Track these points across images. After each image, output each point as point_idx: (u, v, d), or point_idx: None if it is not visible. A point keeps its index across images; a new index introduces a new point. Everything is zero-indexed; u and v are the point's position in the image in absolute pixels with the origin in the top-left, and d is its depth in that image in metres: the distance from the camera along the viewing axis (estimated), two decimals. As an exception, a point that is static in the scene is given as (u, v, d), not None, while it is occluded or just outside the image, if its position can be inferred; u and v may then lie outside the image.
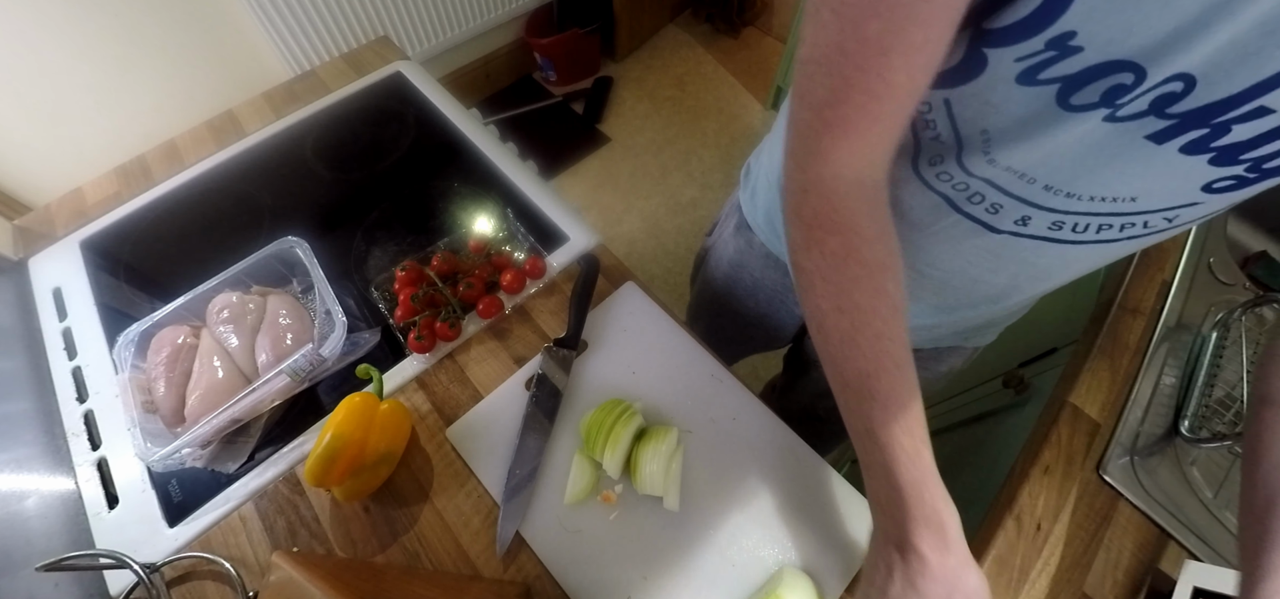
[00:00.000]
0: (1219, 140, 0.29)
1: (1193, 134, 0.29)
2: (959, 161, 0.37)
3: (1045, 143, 0.32)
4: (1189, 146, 0.30)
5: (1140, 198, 0.34)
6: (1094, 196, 0.34)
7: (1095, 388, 0.60)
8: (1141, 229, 0.36)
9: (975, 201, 0.39)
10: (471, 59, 2.01)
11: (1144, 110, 0.29)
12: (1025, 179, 0.35)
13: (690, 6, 2.42)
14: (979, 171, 0.36)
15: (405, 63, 0.92)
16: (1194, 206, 0.34)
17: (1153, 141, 0.30)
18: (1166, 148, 0.30)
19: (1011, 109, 0.32)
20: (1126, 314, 0.65)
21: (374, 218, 0.75)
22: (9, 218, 0.78)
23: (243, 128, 0.86)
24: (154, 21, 1.27)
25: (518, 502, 0.51)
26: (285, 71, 1.49)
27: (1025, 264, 0.42)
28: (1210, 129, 0.28)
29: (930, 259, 0.45)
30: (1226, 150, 0.29)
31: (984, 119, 0.34)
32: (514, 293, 0.64)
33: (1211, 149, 0.29)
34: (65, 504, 0.55)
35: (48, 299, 0.69)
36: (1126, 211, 0.35)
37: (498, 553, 0.50)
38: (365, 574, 0.45)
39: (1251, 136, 0.28)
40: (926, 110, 0.36)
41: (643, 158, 2.00)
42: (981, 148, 0.35)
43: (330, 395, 0.61)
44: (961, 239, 0.42)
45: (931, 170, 0.39)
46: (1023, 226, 0.38)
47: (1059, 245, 0.39)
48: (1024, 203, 0.37)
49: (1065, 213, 0.36)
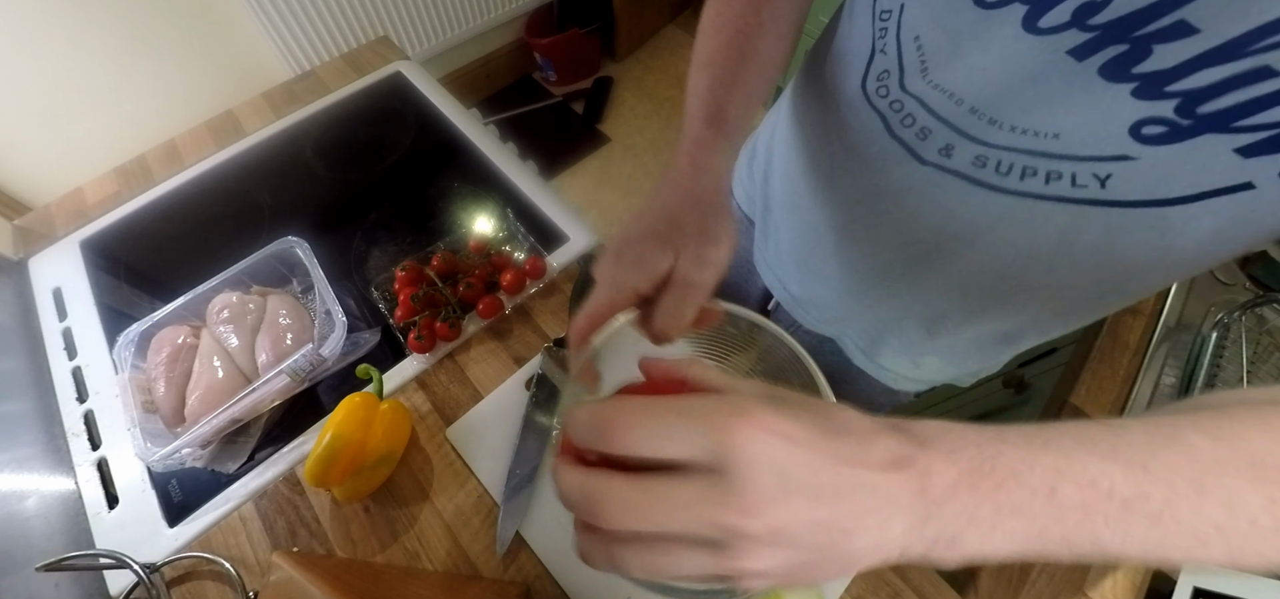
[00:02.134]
0: (1140, 64, 0.28)
1: (1113, 50, 0.28)
2: (899, 79, 0.38)
3: (969, 51, 0.33)
4: (1109, 68, 0.29)
5: (1063, 135, 0.32)
6: (1016, 127, 0.33)
7: (1095, 388, 0.60)
8: (1069, 185, 0.34)
9: (907, 124, 0.39)
10: (471, 59, 2.01)
11: (1066, 22, 0.29)
12: (953, 99, 0.35)
13: (690, 6, 2.42)
14: (914, 88, 0.37)
15: (405, 63, 0.92)
16: (1126, 163, 0.31)
17: (1073, 57, 0.29)
18: (1086, 66, 0.29)
19: (941, 8, 0.33)
20: (1126, 314, 0.65)
21: (374, 218, 0.75)
22: (9, 218, 0.78)
23: (243, 128, 0.86)
24: (154, 22, 1.27)
25: (518, 502, 0.51)
26: (285, 71, 1.49)
27: (949, 215, 0.40)
28: (1130, 45, 0.27)
29: (862, 193, 0.45)
30: (1150, 79, 0.28)
31: (920, 25, 0.35)
32: (514, 293, 0.64)
33: (1134, 76, 0.28)
34: (65, 504, 0.55)
35: (48, 299, 0.69)
36: (1050, 151, 0.33)
37: (498, 553, 0.50)
38: (365, 574, 0.45)
39: (1175, 62, 0.27)
40: (886, 17, 0.37)
41: (643, 158, 2.00)
42: (918, 61, 0.36)
43: (330, 395, 0.61)
44: (891, 167, 0.41)
45: (875, 86, 0.40)
46: (946, 158, 0.38)
47: (982, 191, 0.37)
48: (950, 127, 0.36)
49: (988, 145, 0.35)
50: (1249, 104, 0.26)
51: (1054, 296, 0.44)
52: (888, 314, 0.54)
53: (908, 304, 0.51)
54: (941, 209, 0.40)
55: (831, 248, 0.52)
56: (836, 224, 0.50)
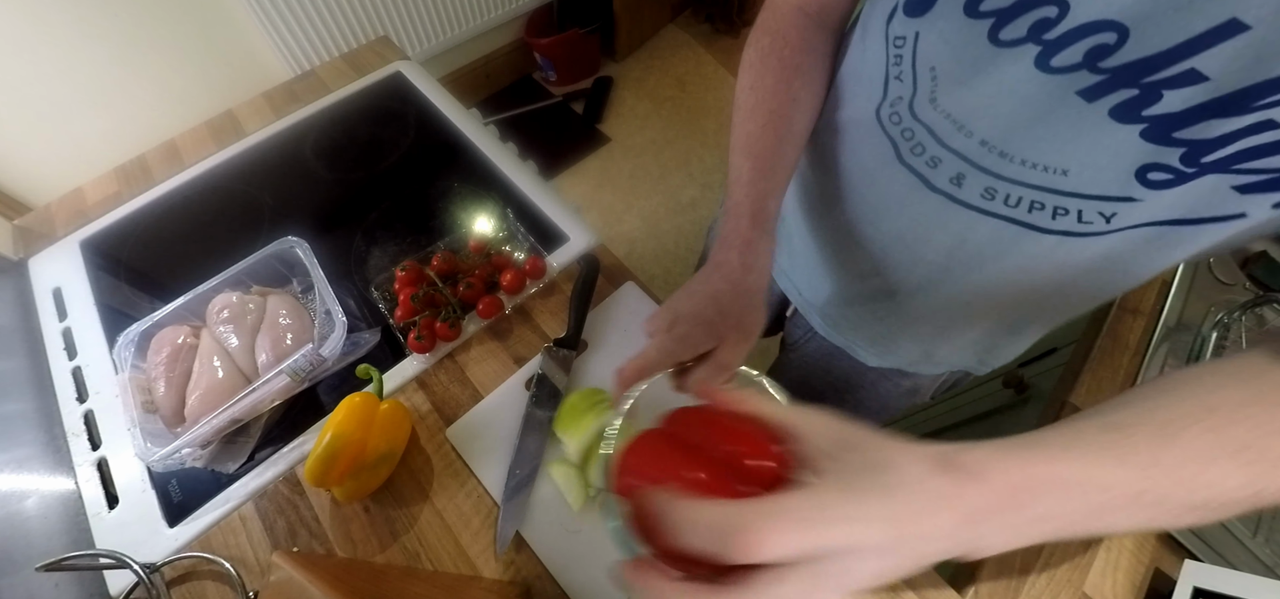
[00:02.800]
0: (1150, 108, 0.28)
1: (1123, 94, 0.29)
2: (910, 105, 0.38)
3: (981, 85, 0.34)
4: (1119, 110, 0.29)
5: (1072, 173, 0.33)
6: (1026, 162, 0.34)
7: (1095, 388, 0.60)
8: (1076, 221, 0.35)
9: (917, 152, 0.40)
10: (471, 59, 2.01)
11: (1078, 62, 0.29)
12: (964, 131, 0.36)
13: (690, 6, 2.42)
14: (924, 116, 0.38)
15: (405, 63, 0.92)
16: (1131, 204, 0.32)
17: (1083, 98, 0.30)
18: (1096, 107, 0.30)
19: (955, 41, 0.34)
20: (1126, 314, 0.65)
21: (374, 218, 0.75)
22: (9, 218, 0.78)
23: (243, 128, 0.86)
24: (154, 21, 1.27)
25: (518, 502, 0.51)
26: (285, 71, 1.49)
27: (959, 240, 0.42)
28: (1140, 90, 0.28)
29: (874, 213, 0.47)
30: (1158, 123, 0.29)
31: (935, 55, 0.36)
32: (514, 293, 0.64)
33: (1143, 118, 0.29)
34: (65, 504, 0.55)
35: (48, 299, 0.69)
36: (1058, 188, 0.34)
37: (497, 553, 0.50)
38: (365, 574, 0.45)
39: (1183, 107, 0.27)
40: (900, 44, 0.38)
41: (643, 158, 2.00)
42: (929, 90, 0.37)
43: (330, 395, 0.61)
44: (903, 194, 0.42)
45: (888, 112, 0.41)
46: (957, 188, 0.39)
47: (991, 220, 0.39)
48: (960, 158, 0.37)
49: (998, 178, 0.36)
50: (1251, 151, 0.27)
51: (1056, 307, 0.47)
52: (897, 324, 0.55)
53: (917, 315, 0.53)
54: (952, 235, 0.42)
55: (842, 263, 0.53)
56: (847, 242, 0.51)
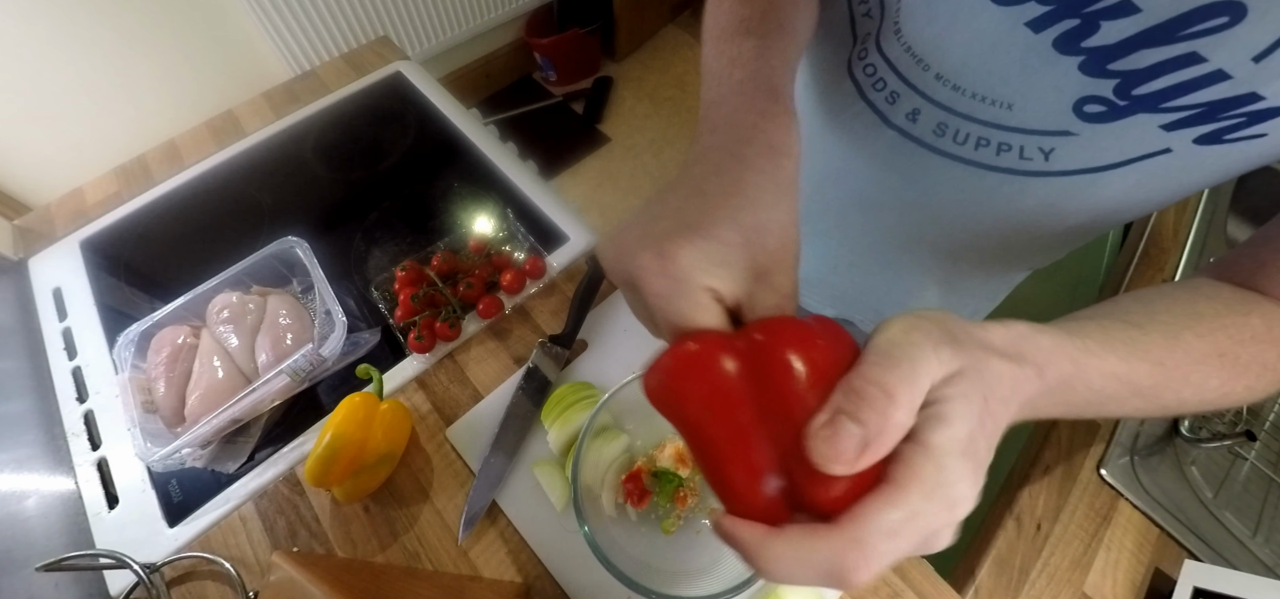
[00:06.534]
0: (1089, 39, 0.29)
1: (1066, 24, 0.30)
2: (876, 41, 0.39)
3: (941, 19, 0.34)
4: (1062, 40, 0.30)
5: (1016, 107, 0.34)
6: (976, 95, 0.35)
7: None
8: (1018, 158, 0.36)
9: (878, 87, 0.40)
10: (471, 59, 2.01)
11: None
12: (921, 64, 0.37)
13: (690, 6, 2.42)
14: (888, 50, 0.38)
15: (405, 63, 0.92)
16: (1068, 138, 0.34)
17: (1031, 28, 0.31)
18: (1042, 38, 0.31)
19: None
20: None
21: (374, 218, 0.75)
22: (9, 218, 0.78)
23: (243, 128, 0.86)
24: (154, 21, 1.27)
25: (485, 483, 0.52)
26: (285, 71, 1.49)
27: (912, 181, 0.43)
28: (1081, 20, 0.29)
29: (839, 160, 0.47)
30: (1095, 54, 0.30)
31: None
32: (514, 293, 0.64)
33: (1082, 50, 0.30)
34: (65, 504, 0.55)
35: (48, 299, 0.69)
36: (1003, 123, 0.36)
37: (459, 539, 0.50)
38: (365, 574, 0.45)
39: (1119, 39, 0.28)
40: None
41: (643, 158, 2.00)
42: (893, 22, 0.37)
43: (330, 395, 0.61)
44: (863, 132, 0.43)
45: (855, 53, 0.41)
46: (912, 123, 0.40)
47: (938, 159, 0.40)
48: (916, 92, 0.38)
49: (951, 112, 0.37)
50: (1177, 87, 0.28)
51: (997, 257, 0.49)
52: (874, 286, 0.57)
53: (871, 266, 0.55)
54: (901, 174, 0.43)
55: (816, 225, 0.55)
56: (818, 200, 0.52)
